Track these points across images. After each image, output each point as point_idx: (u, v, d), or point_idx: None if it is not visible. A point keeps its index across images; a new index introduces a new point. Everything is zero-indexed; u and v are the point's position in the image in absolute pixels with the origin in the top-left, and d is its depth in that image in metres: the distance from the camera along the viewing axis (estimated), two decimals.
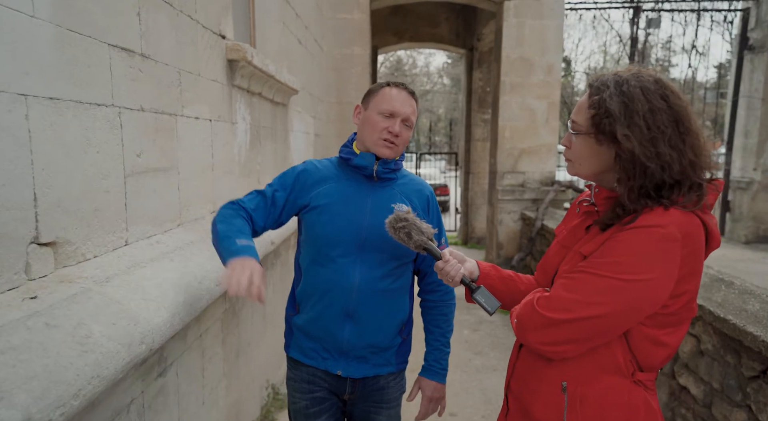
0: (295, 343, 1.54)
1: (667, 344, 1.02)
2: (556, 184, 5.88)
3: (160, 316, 1.20)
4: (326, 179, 1.47)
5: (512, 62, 5.85)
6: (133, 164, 1.50)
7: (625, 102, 0.97)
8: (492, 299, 1.18)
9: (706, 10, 8.15)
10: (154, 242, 1.57)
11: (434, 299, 1.58)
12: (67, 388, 0.84)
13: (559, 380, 1.05)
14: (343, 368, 1.47)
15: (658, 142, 0.96)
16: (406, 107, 1.42)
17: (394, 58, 22.89)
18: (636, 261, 0.94)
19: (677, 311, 1.00)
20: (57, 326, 0.93)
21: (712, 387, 2.13)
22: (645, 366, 1.04)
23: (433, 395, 1.56)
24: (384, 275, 1.45)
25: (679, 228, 0.94)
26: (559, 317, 0.98)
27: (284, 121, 3.61)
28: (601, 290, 0.96)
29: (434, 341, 1.58)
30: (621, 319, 0.97)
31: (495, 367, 3.65)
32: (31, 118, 1.06)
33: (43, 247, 1.11)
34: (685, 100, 1.00)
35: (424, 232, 1.25)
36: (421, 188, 1.54)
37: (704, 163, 0.99)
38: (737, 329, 1.91)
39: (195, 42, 1.96)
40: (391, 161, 1.46)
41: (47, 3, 1.11)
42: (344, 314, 1.43)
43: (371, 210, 1.43)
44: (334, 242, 1.42)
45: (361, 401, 1.55)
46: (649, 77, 1.00)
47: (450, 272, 1.19)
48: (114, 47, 1.38)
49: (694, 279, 0.99)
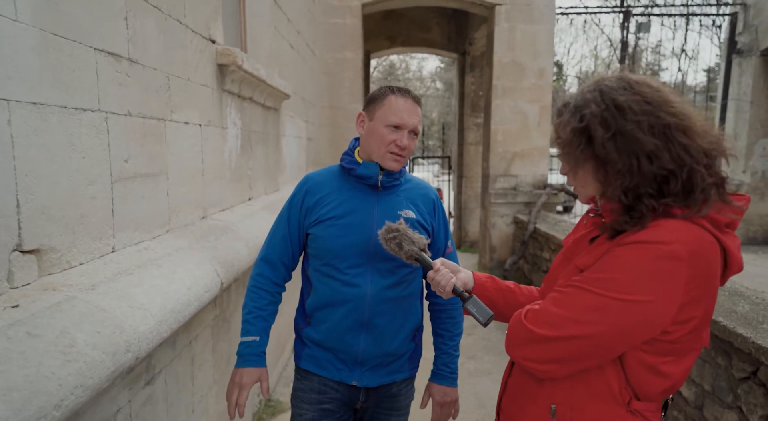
0: (307, 354, 1.51)
1: (667, 375, 0.92)
2: (548, 188, 5.91)
3: (146, 324, 1.18)
4: (330, 193, 1.45)
5: (504, 66, 5.88)
6: (121, 170, 1.48)
7: (584, 109, 0.93)
8: (484, 309, 1.13)
9: (695, 14, 8.25)
10: (142, 249, 1.55)
11: (443, 302, 1.55)
12: (49, 398, 0.83)
13: (549, 403, 0.98)
14: (359, 379, 1.46)
15: (633, 135, 0.88)
16: (413, 118, 1.39)
17: (386, 63, 22.95)
18: (632, 280, 0.86)
19: (680, 339, 0.90)
20: (39, 335, 0.92)
21: (703, 389, 2.13)
22: (642, 395, 0.94)
23: (444, 400, 1.54)
24: (395, 282, 1.44)
25: (685, 246, 0.85)
26: (544, 333, 0.92)
27: (276, 126, 3.60)
28: (592, 308, 0.89)
29: (443, 344, 1.56)
30: (611, 341, 0.89)
31: (489, 371, 3.64)
32: (14, 124, 1.05)
33: (27, 254, 1.09)
34: (658, 86, 0.93)
35: (415, 242, 1.24)
36: (426, 192, 1.53)
37: (706, 145, 0.89)
38: (727, 331, 1.91)
39: (184, 46, 1.95)
40: (395, 172, 1.44)
41: (30, 7, 1.09)
42: (359, 324, 1.42)
43: (379, 219, 1.41)
44: (344, 254, 1.41)
45: (372, 409, 1.54)
46: (612, 77, 0.96)
47: (441, 281, 1.16)
48: (100, 52, 1.37)
49: (704, 305, 0.89)
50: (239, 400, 1.42)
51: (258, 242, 2.32)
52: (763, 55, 8.24)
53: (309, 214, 1.46)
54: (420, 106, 1.44)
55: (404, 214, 1.42)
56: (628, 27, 7.97)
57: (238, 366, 1.45)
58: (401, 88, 1.44)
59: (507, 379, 1.14)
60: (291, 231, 1.49)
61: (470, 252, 8.26)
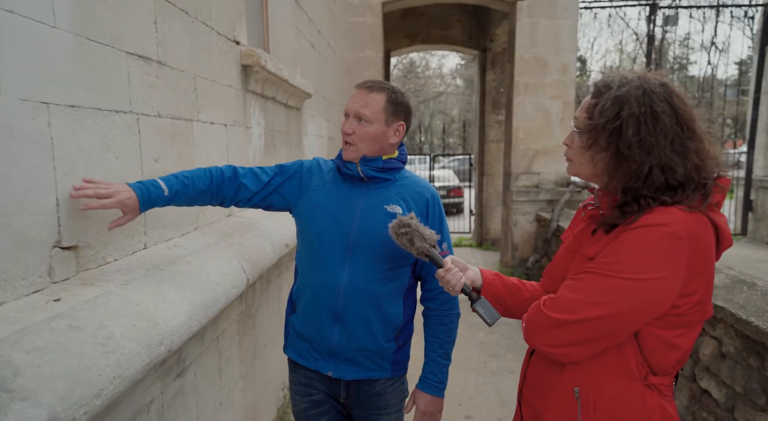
0: (291, 343, 1.55)
1: (679, 347, 1.00)
2: (571, 185, 5.83)
3: (178, 318, 1.22)
4: (325, 180, 1.47)
5: (526, 62, 5.81)
6: (151, 169, 1.53)
7: (625, 105, 0.96)
8: (492, 311, 1.17)
9: (726, 5, 8.00)
10: (172, 246, 1.60)
11: (434, 307, 1.52)
12: (90, 388, 0.87)
13: (571, 386, 1.04)
14: (333, 370, 1.45)
15: (658, 145, 0.95)
16: (356, 104, 1.37)
17: (407, 61, 22.91)
18: (640, 260, 0.93)
19: (688, 311, 0.98)
20: (79, 328, 0.96)
21: (734, 391, 2.08)
22: (657, 370, 1.02)
23: (427, 409, 1.49)
24: (375, 277, 1.41)
25: (684, 226, 0.93)
26: (564, 318, 0.98)
27: (298, 125, 3.64)
28: (606, 291, 0.95)
29: (431, 351, 1.52)
30: (627, 319, 0.96)
31: (512, 369, 3.62)
32: (53, 126, 1.10)
33: (66, 251, 1.14)
34: (690, 105, 0.99)
35: (426, 239, 1.23)
36: (421, 190, 1.47)
37: (710, 167, 0.98)
38: (760, 332, 1.87)
39: (210, 48, 1.99)
40: (376, 159, 1.41)
41: (68, 13, 1.14)
42: (332, 315, 1.42)
43: (362, 211, 1.41)
44: (323, 242, 1.41)
45: (359, 407, 1.52)
46: (655, 81, 0.99)
47: (451, 280, 1.18)
48: (131, 55, 1.41)
49: (705, 279, 0.98)
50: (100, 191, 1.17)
51: (281, 240, 2.36)
52: None
53: (301, 186, 1.46)
54: (377, 92, 1.38)
55: (390, 208, 1.40)
56: (654, 20, 7.80)
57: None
58: (366, 81, 1.43)
59: (526, 369, 1.17)
60: (275, 181, 1.46)
61: (492, 250, 8.20)
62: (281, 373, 2.81)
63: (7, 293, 0.97)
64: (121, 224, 1.23)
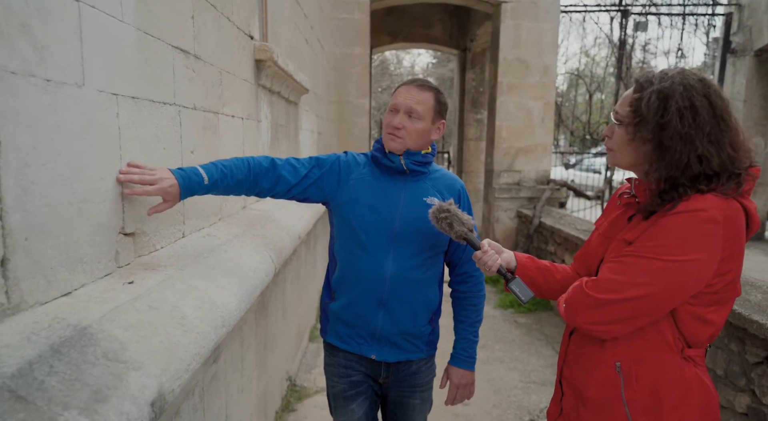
0: (332, 329, 1.62)
1: (712, 322, 1.08)
2: (551, 183, 6.04)
3: (232, 302, 1.28)
4: (363, 173, 1.53)
5: (509, 63, 5.99)
6: (188, 161, 1.57)
7: (670, 99, 1.04)
8: (526, 289, 1.28)
9: (693, 14, 8.42)
10: (205, 235, 1.64)
11: (464, 289, 1.64)
12: (181, 362, 0.92)
13: (613, 361, 1.12)
14: (377, 353, 1.55)
15: (696, 137, 1.02)
16: (408, 100, 1.45)
17: (380, 58, 22.94)
18: (681, 243, 1.01)
19: (721, 289, 1.06)
20: (157, 309, 1.01)
21: (716, 374, 2.27)
22: (692, 343, 1.10)
23: (460, 382, 1.64)
24: (416, 265, 1.51)
25: (720, 212, 1.00)
26: (607, 297, 1.05)
27: (295, 120, 3.68)
28: (648, 271, 1.03)
29: (463, 330, 1.65)
30: (667, 298, 1.04)
31: (501, 359, 3.77)
32: (121, 116, 1.14)
33: (127, 237, 1.19)
34: (726, 100, 1.07)
35: (464, 223, 1.34)
36: (452, 182, 1.59)
37: (743, 158, 1.06)
38: (742, 318, 2.04)
39: (232, 43, 2.03)
40: (416, 153, 1.49)
41: (132, 8, 1.18)
42: (378, 302, 1.51)
43: (404, 203, 1.49)
44: (368, 233, 1.49)
45: (396, 386, 1.63)
46: (694, 76, 1.07)
47: (488, 262, 1.28)
48: (176, 49, 1.45)
49: (737, 259, 1.06)
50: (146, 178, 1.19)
51: (295, 231, 2.41)
52: (756, 55, 8.45)
53: (340, 180, 1.51)
54: (427, 91, 1.47)
55: (429, 200, 1.49)
56: (626, 26, 8.13)
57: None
58: (414, 78, 1.53)
59: (566, 349, 1.26)
60: (313, 174, 1.49)
61: None
62: (285, 363, 2.86)
63: (87, 275, 1.01)
64: (160, 211, 1.24)
